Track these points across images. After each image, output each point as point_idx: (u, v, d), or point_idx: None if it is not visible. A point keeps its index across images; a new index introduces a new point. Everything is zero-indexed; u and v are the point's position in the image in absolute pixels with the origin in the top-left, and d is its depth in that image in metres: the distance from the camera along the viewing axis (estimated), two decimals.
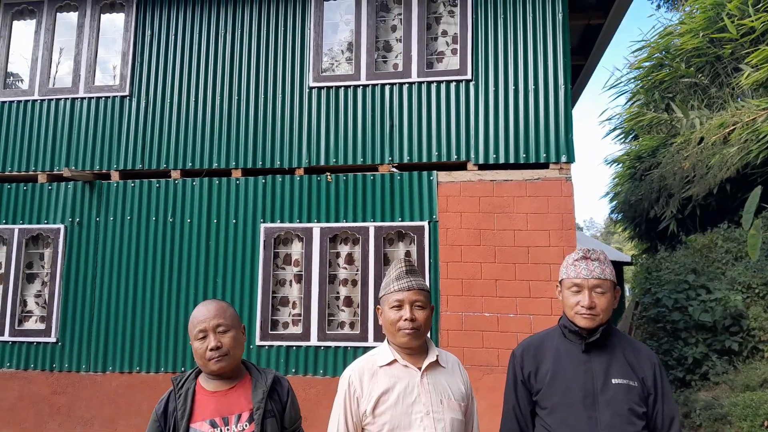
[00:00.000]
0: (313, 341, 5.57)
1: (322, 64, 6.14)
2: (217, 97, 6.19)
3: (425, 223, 5.64)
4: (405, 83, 5.96)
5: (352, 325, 5.68)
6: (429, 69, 5.97)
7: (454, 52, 6.04)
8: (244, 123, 6.10)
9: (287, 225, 5.85)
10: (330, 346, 5.56)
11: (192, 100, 6.22)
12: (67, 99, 6.40)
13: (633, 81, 14.20)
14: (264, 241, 5.83)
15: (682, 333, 7.44)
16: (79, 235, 6.11)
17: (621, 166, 14.92)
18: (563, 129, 5.66)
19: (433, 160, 5.80)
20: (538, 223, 5.49)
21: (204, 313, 2.09)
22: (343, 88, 6.05)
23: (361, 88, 6.02)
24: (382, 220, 5.74)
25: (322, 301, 5.65)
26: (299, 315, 5.73)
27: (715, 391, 6.49)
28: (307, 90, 6.09)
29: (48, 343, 5.96)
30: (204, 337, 2.05)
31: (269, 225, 5.86)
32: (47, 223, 6.18)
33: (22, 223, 6.22)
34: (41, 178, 6.29)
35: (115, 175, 6.19)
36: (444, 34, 6.12)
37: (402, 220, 5.71)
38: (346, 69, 6.17)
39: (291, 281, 5.85)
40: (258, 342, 5.64)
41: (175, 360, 5.75)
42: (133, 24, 6.44)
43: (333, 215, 5.82)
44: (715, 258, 8.84)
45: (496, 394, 4.74)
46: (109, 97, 6.34)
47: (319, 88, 6.08)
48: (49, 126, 6.38)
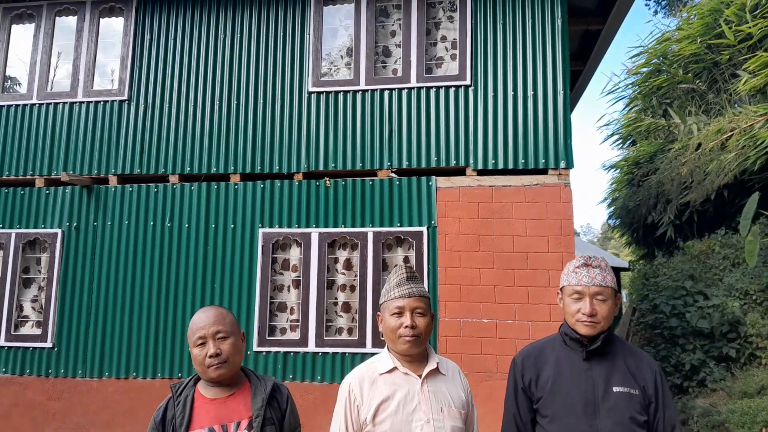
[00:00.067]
0: (311, 347, 5.55)
1: (322, 69, 6.14)
2: (216, 102, 6.18)
3: (424, 229, 5.64)
4: (404, 88, 5.96)
5: (350, 331, 5.66)
6: (428, 74, 5.98)
7: (453, 57, 6.05)
8: (243, 128, 6.10)
9: (286, 230, 5.84)
10: (328, 353, 5.54)
11: (191, 104, 6.21)
12: (66, 103, 6.39)
13: (631, 87, 14.26)
14: (262, 246, 5.81)
15: (679, 339, 7.45)
16: (77, 239, 6.09)
17: (618, 171, 14.96)
18: (562, 135, 5.67)
19: (432, 165, 5.80)
20: (537, 229, 5.49)
21: (203, 319, 2.07)
22: (342, 93, 6.05)
23: (360, 93, 6.02)
24: (381, 226, 5.73)
25: (320, 307, 5.63)
26: (297, 321, 5.71)
27: (713, 397, 6.49)
28: (306, 95, 6.09)
29: (44, 348, 5.92)
30: (203, 343, 2.04)
31: (267, 230, 5.85)
32: (44, 227, 6.16)
33: (19, 228, 6.19)
34: (39, 183, 6.27)
35: (113, 180, 6.17)
36: (443, 39, 6.13)
37: (401, 226, 5.70)
38: (345, 74, 6.17)
39: (289, 287, 5.83)
40: (255, 348, 5.62)
41: (172, 366, 5.72)
42: (132, 28, 6.43)
43: (331, 220, 5.81)
44: (712, 264, 8.86)
45: (495, 400, 4.72)
46: (107, 101, 6.33)
47: (318, 93, 6.08)
48: (47, 130, 6.36)
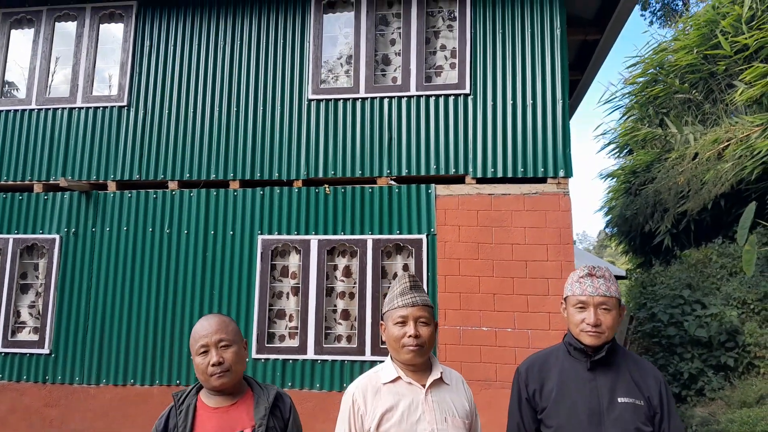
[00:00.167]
0: (310, 355, 5.53)
1: (321, 77, 6.15)
2: (216, 108, 6.18)
3: (423, 236, 5.64)
4: (404, 96, 5.97)
5: (349, 338, 5.64)
6: (428, 83, 5.99)
7: (452, 66, 6.07)
8: (243, 134, 6.09)
9: (285, 237, 5.83)
10: (327, 360, 5.52)
11: (190, 110, 6.21)
12: (65, 109, 6.38)
13: (627, 96, 14.33)
14: (261, 253, 5.80)
15: (677, 348, 7.45)
16: (75, 245, 6.06)
17: (615, 180, 15.01)
18: (561, 144, 5.68)
19: (432, 173, 5.81)
20: (536, 238, 5.49)
21: (206, 327, 2.07)
22: (341, 101, 6.06)
23: (359, 100, 6.03)
24: (380, 233, 5.73)
25: (319, 314, 5.62)
26: (296, 328, 5.69)
27: (711, 407, 6.49)
28: (306, 102, 6.10)
29: (41, 354, 5.88)
30: (205, 352, 2.03)
31: (267, 237, 5.84)
32: (42, 233, 6.13)
33: (17, 233, 6.16)
34: (37, 188, 6.24)
35: (111, 186, 6.16)
36: (443, 48, 6.15)
37: (400, 233, 5.70)
38: (344, 82, 6.18)
39: (288, 294, 5.82)
40: (254, 355, 5.59)
41: (170, 373, 5.69)
42: (132, 34, 6.44)
43: (331, 227, 5.81)
44: (710, 273, 8.88)
45: (494, 409, 4.71)
46: (106, 107, 6.32)
47: (318, 101, 6.08)
48: (46, 135, 6.35)
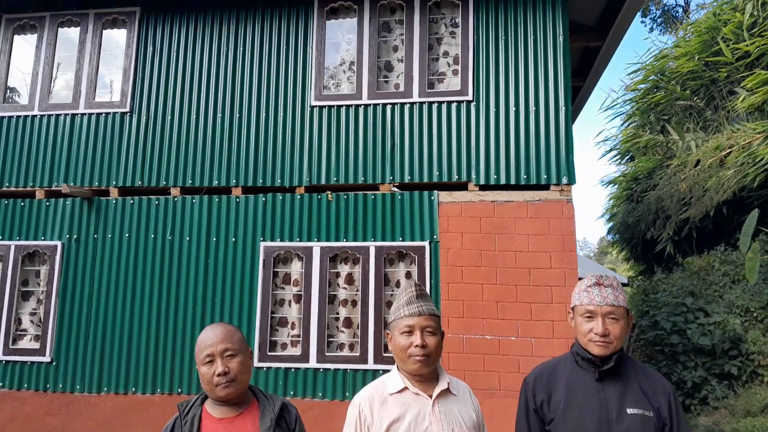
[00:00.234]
0: (312, 363, 5.50)
1: (324, 83, 6.15)
2: (218, 115, 6.17)
3: (426, 243, 5.62)
4: (406, 103, 5.97)
5: (352, 346, 5.61)
6: (430, 89, 5.99)
7: (455, 72, 6.07)
8: (245, 141, 6.09)
9: (287, 244, 5.81)
10: (329, 369, 5.48)
11: (193, 117, 6.20)
12: (67, 114, 6.38)
13: (629, 103, 14.34)
14: (263, 260, 5.78)
15: (680, 356, 7.42)
16: (77, 252, 6.04)
17: (617, 187, 14.99)
18: (564, 151, 5.67)
19: (434, 180, 5.79)
20: (540, 245, 5.47)
21: (211, 337, 2.04)
22: (344, 107, 6.05)
23: (362, 107, 6.03)
24: (383, 240, 5.71)
25: (322, 322, 5.59)
26: (298, 336, 5.66)
27: (715, 416, 6.45)
28: (309, 108, 6.09)
29: (42, 362, 5.85)
30: (211, 361, 2.01)
31: (269, 243, 5.82)
32: (44, 239, 6.11)
33: (19, 240, 6.14)
34: (39, 194, 6.23)
35: (113, 192, 6.14)
36: (445, 54, 6.15)
37: (403, 240, 5.68)
38: (347, 88, 6.18)
39: (290, 301, 5.79)
40: (256, 363, 5.56)
41: (171, 381, 5.65)
42: (135, 40, 6.44)
43: (333, 234, 5.79)
44: (712, 281, 8.85)
45: (498, 418, 4.68)
46: (109, 113, 6.32)
47: (321, 107, 6.08)
48: (49, 141, 6.34)
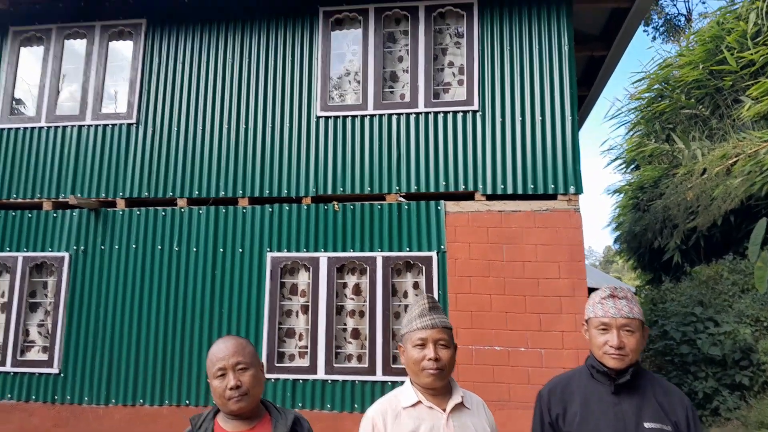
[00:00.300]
0: (320, 374, 5.46)
1: (330, 94, 6.16)
2: (225, 126, 6.19)
3: (433, 254, 5.59)
4: (412, 113, 5.97)
5: (360, 358, 5.58)
6: (436, 99, 5.99)
7: (460, 83, 6.07)
8: (251, 152, 6.09)
9: (294, 254, 5.80)
10: (337, 380, 5.45)
11: (199, 128, 6.21)
12: (74, 126, 6.40)
13: (633, 111, 14.33)
14: (270, 270, 5.76)
15: (691, 367, 7.35)
16: (84, 263, 6.04)
17: (623, 196, 14.95)
18: (571, 160, 5.66)
19: (441, 190, 5.78)
20: (548, 255, 5.44)
21: (223, 350, 2.02)
22: (350, 118, 6.06)
23: (368, 117, 6.03)
24: (390, 250, 5.69)
25: (329, 333, 5.56)
26: (306, 347, 5.63)
27: (727, 427, 6.38)
28: (315, 119, 6.10)
29: (50, 374, 5.83)
30: (223, 375, 1.98)
31: (276, 254, 5.81)
32: (51, 251, 6.11)
33: (26, 251, 6.15)
34: (46, 206, 6.24)
35: (120, 203, 6.15)
36: (450, 65, 6.16)
37: (410, 250, 5.66)
38: (353, 99, 6.19)
39: (297, 312, 5.77)
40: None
41: (179, 393, 5.62)
42: (141, 52, 6.47)
43: (340, 244, 5.77)
44: (721, 290, 8.78)
45: (509, 430, 4.64)
46: (115, 124, 6.34)
47: (327, 118, 6.08)
48: (56, 153, 6.36)
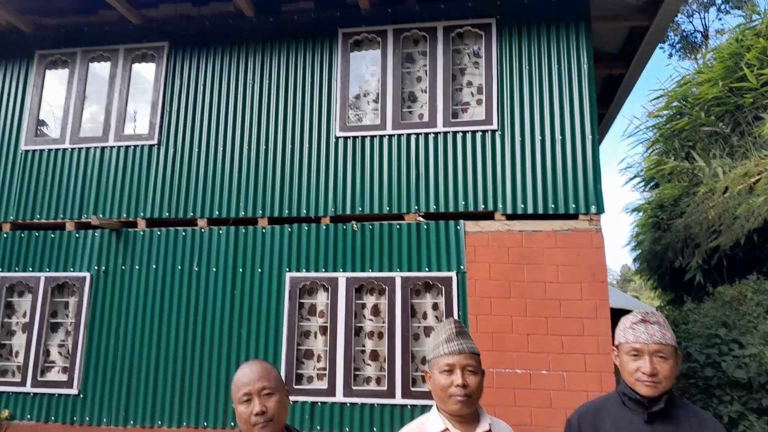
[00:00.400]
0: (339, 397, 5.41)
1: (348, 114, 6.19)
2: (245, 147, 6.23)
3: (453, 274, 5.55)
4: (430, 133, 5.97)
5: (379, 380, 5.52)
6: (454, 119, 5.99)
7: (479, 102, 6.07)
8: (271, 172, 6.12)
9: (313, 274, 5.78)
10: (356, 403, 5.39)
11: (219, 149, 6.27)
12: (97, 147, 6.49)
13: (652, 129, 14.23)
14: (289, 290, 5.75)
15: (715, 390, 7.17)
16: (105, 283, 6.08)
17: (642, 214, 14.78)
18: (592, 180, 5.61)
19: (460, 209, 5.75)
20: (569, 276, 5.38)
21: (248, 374, 2.01)
22: (369, 138, 6.07)
23: (386, 137, 6.04)
24: (409, 270, 5.66)
25: (348, 355, 5.51)
26: (324, 369, 5.59)
27: None
28: (334, 139, 6.12)
29: (69, 395, 5.84)
30: (248, 400, 1.97)
31: (295, 274, 5.80)
32: (73, 271, 6.17)
33: (48, 271, 6.21)
34: (69, 226, 6.31)
35: (141, 223, 6.20)
36: (469, 84, 6.17)
37: (429, 270, 5.62)
38: (371, 119, 6.21)
39: (316, 333, 5.74)
40: None
41: (197, 414, 5.60)
42: (163, 74, 6.57)
43: (359, 264, 5.75)
44: (745, 311, 8.59)
45: None
46: (137, 145, 6.41)
47: (345, 138, 6.11)
48: (79, 174, 6.44)
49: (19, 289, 6.32)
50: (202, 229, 6.07)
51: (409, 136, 6.01)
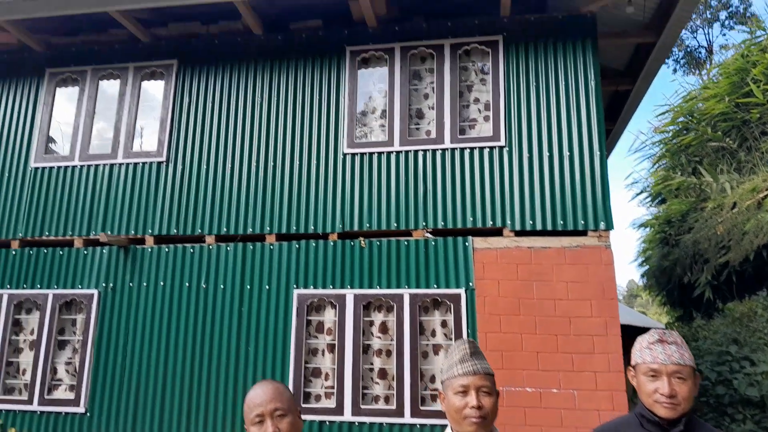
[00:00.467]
0: (347, 416, 5.35)
1: (356, 131, 6.21)
2: (253, 163, 6.25)
3: (462, 291, 5.51)
4: (438, 149, 5.97)
5: (387, 399, 5.46)
6: (462, 135, 5.99)
7: (486, 118, 6.08)
8: (279, 188, 6.13)
9: (320, 291, 5.76)
10: (365, 422, 5.32)
11: (228, 165, 6.29)
12: (106, 164, 6.51)
13: (658, 144, 14.22)
14: (297, 307, 5.73)
15: (727, 408, 7.08)
16: (112, 300, 6.06)
17: (649, 230, 14.72)
18: (600, 196, 5.59)
19: (468, 225, 5.73)
20: (579, 293, 5.33)
21: (260, 395, 1.98)
22: (376, 154, 6.08)
23: (394, 153, 6.05)
24: (417, 287, 5.62)
25: (356, 373, 5.46)
26: (332, 387, 5.54)
27: None
28: (341, 156, 6.13)
29: (76, 413, 5.80)
30: (261, 421, 1.94)
31: (302, 291, 5.78)
32: (81, 288, 6.16)
33: (56, 288, 6.20)
34: (77, 243, 6.31)
35: (149, 240, 6.19)
36: (476, 101, 6.18)
37: (437, 287, 5.59)
38: (379, 135, 6.22)
39: (323, 350, 5.70)
40: None
41: None
42: (172, 92, 6.61)
43: (366, 281, 5.72)
44: (756, 327, 8.51)
45: None
46: (146, 162, 6.44)
47: (353, 154, 6.12)
48: (88, 191, 6.46)
49: (27, 306, 6.32)
50: (210, 246, 6.07)
51: (416, 152, 6.01)
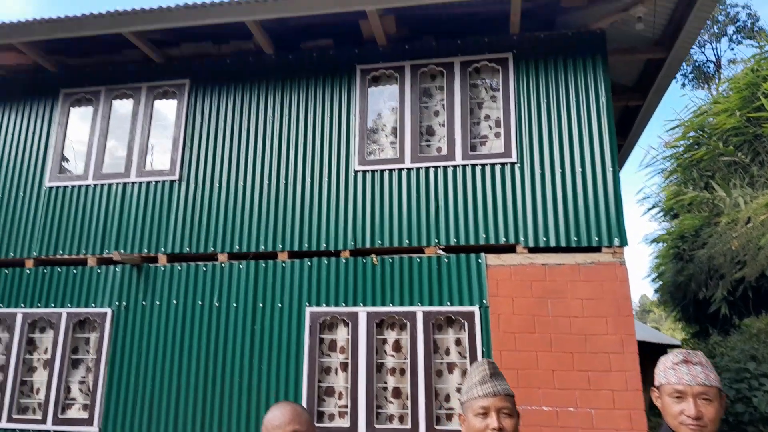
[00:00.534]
0: None
1: (367, 149, 6.22)
2: (265, 182, 6.27)
3: (475, 308, 5.47)
4: (449, 166, 5.97)
5: (402, 418, 5.40)
6: (473, 152, 5.99)
7: (497, 135, 6.08)
8: (291, 206, 6.14)
9: (333, 309, 5.73)
10: None
11: (240, 184, 6.31)
12: (119, 183, 6.56)
13: (669, 159, 14.16)
14: (309, 326, 5.70)
15: (747, 427, 6.94)
16: (126, 319, 6.07)
17: (662, 245, 14.59)
18: (614, 212, 5.55)
19: (481, 242, 5.70)
20: (594, 310, 5.28)
21: (279, 417, 1.97)
22: (387, 172, 6.09)
23: (405, 171, 6.05)
24: (430, 305, 5.59)
25: (370, 392, 5.41)
26: (345, 406, 5.49)
27: None
28: (353, 173, 6.14)
29: None
30: None
31: (315, 309, 5.75)
32: (94, 306, 6.17)
33: (70, 307, 6.22)
34: (91, 262, 6.34)
35: (162, 259, 6.21)
36: (487, 118, 6.19)
37: (451, 305, 5.55)
38: (390, 153, 6.23)
39: (337, 369, 5.66)
40: None
41: None
42: (185, 111, 6.67)
43: (379, 299, 5.69)
44: None
45: None
46: (159, 181, 6.48)
47: (365, 172, 6.13)
48: (101, 210, 6.51)
49: (41, 325, 6.33)
50: (223, 264, 6.07)
51: (427, 169, 6.01)
